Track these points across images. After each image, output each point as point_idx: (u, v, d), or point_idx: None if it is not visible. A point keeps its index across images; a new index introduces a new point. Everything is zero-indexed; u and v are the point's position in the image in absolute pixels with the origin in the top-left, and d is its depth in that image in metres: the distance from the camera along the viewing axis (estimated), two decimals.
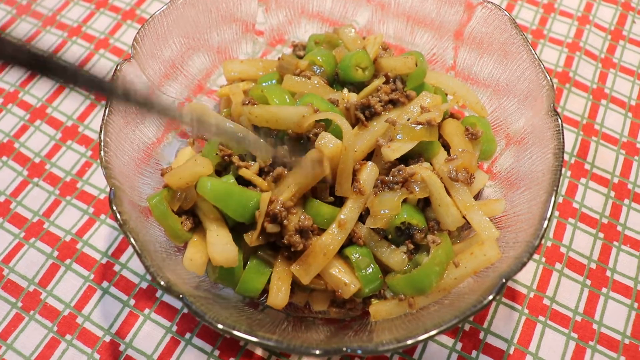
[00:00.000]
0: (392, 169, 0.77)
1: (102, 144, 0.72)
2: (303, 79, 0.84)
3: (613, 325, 0.86)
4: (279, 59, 0.89)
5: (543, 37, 1.15)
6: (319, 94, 0.81)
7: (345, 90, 0.86)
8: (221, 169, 0.82)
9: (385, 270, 0.77)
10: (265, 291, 0.78)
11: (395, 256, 0.75)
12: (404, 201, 0.75)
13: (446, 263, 0.72)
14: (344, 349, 0.61)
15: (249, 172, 0.77)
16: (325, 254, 0.73)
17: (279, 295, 0.73)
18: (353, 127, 0.79)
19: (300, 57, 0.92)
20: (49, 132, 1.02)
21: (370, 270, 0.74)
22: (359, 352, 0.61)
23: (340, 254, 0.76)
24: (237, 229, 0.76)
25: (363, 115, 0.80)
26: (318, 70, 0.86)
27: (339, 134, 0.74)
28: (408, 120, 0.80)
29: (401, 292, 0.74)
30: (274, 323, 0.73)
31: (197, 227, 0.77)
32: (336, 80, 0.88)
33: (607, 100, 1.07)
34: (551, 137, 0.74)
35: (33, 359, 0.82)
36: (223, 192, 0.72)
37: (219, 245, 0.72)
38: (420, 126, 0.77)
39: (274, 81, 0.88)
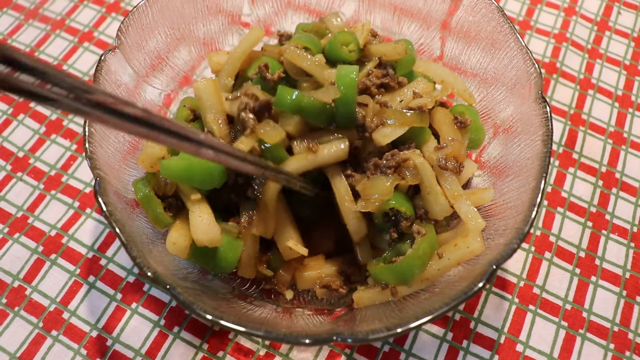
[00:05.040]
0: (386, 153, 0.76)
1: (87, 134, 0.71)
2: (305, 53, 0.82)
3: (602, 313, 0.86)
4: (262, 49, 0.89)
5: (530, 28, 1.15)
6: (316, 70, 0.81)
7: None
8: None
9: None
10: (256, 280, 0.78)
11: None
12: (395, 187, 0.74)
13: (430, 254, 0.71)
14: (334, 337, 0.61)
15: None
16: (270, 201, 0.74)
17: (248, 267, 0.77)
18: None
19: None
20: (33, 126, 1.01)
21: None
22: (349, 340, 0.60)
23: None
24: (220, 209, 0.77)
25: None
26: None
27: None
28: (401, 102, 0.79)
29: (384, 281, 0.73)
30: (263, 314, 0.72)
31: (181, 211, 0.77)
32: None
33: (594, 90, 1.08)
34: (539, 124, 0.74)
35: (18, 355, 0.81)
36: (184, 168, 0.72)
37: (202, 225, 0.72)
38: (412, 112, 0.76)
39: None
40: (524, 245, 0.91)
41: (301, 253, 0.76)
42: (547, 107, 0.74)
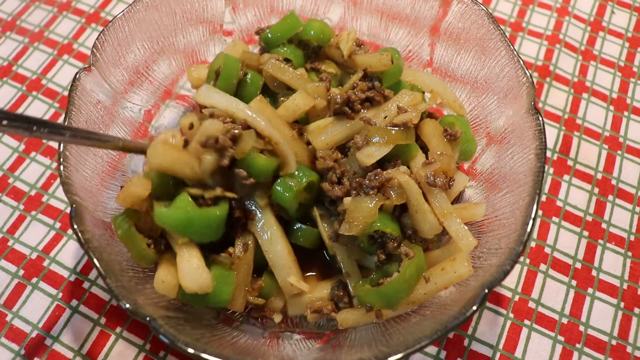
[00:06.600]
0: (369, 173, 0.74)
1: (62, 158, 0.68)
2: (286, 66, 0.82)
3: (599, 327, 0.84)
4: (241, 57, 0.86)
5: (522, 30, 1.12)
6: (297, 83, 0.80)
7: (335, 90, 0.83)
8: None
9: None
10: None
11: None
12: (380, 208, 0.72)
13: (416, 278, 0.69)
14: None
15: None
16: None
17: (239, 299, 0.73)
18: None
19: None
20: (12, 144, 0.97)
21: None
22: None
23: None
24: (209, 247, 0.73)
25: (348, 109, 0.79)
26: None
27: None
28: (385, 118, 0.77)
29: (369, 304, 0.71)
30: (249, 341, 0.70)
31: (167, 249, 0.73)
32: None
33: (588, 93, 1.05)
34: (532, 136, 0.71)
35: None
36: (182, 220, 0.67)
37: (190, 271, 0.67)
38: (396, 129, 0.74)
39: None
40: None
41: (302, 289, 0.73)
42: (540, 119, 0.71)
